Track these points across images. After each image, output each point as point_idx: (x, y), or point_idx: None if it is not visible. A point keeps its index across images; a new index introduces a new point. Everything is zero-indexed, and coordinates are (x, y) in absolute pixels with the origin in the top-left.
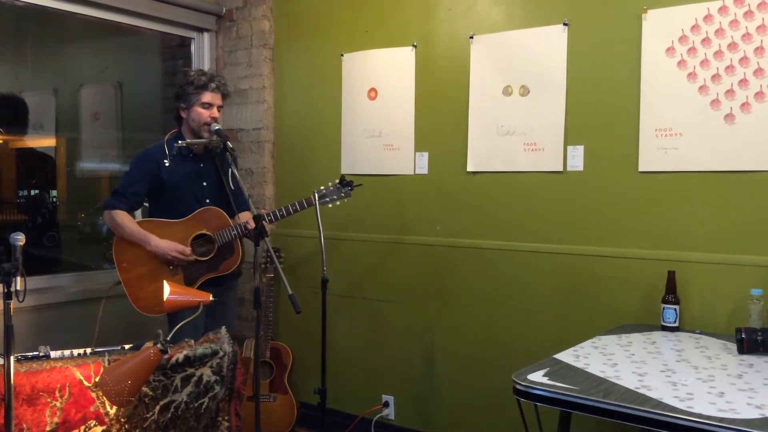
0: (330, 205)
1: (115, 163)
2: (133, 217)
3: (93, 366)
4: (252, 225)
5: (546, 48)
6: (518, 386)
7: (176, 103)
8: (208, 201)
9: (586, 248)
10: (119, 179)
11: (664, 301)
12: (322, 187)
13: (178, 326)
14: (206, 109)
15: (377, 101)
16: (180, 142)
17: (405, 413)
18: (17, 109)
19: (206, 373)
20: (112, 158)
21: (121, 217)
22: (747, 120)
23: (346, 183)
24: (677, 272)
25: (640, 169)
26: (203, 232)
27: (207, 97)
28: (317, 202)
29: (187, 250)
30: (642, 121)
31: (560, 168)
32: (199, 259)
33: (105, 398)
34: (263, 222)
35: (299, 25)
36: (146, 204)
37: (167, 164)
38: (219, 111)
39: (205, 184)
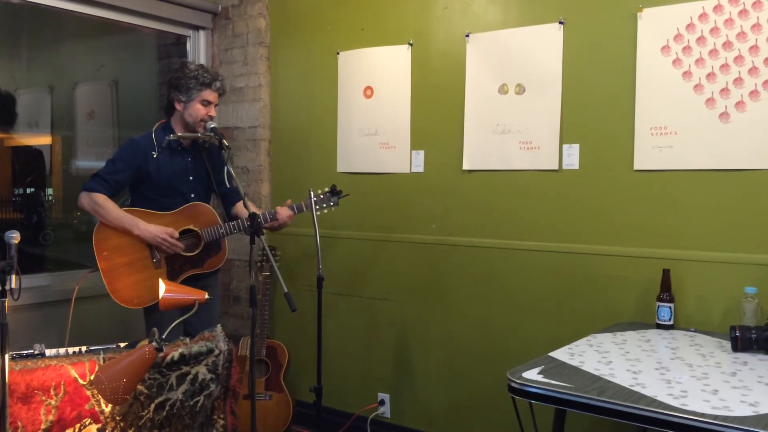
0: (318, 213)
1: None
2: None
3: (88, 364)
4: (282, 212)
5: (542, 46)
6: (513, 384)
7: (172, 93)
8: (193, 196)
9: (581, 246)
10: None
11: (659, 300)
12: (319, 191)
13: (174, 323)
14: (205, 107)
15: (373, 99)
16: (171, 135)
17: (400, 411)
18: (4, 104)
19: (201, 371)
20: (107, 156)
21: (104, 200)
22: (742, 118)
23: (335, 192)
24: (672, 270)
25: (636, 167)
26: (190, 227)
27: (209, 95)
28: (313, 203)
29: (176, 233)
30: (637, 120)
31: (556, 166)
32: (185, 253)
33: (100, 396)
34: (258, 221)
35: (295, 23)
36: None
37: (155, 156)
38: (215, 110)
39: (191, 178)
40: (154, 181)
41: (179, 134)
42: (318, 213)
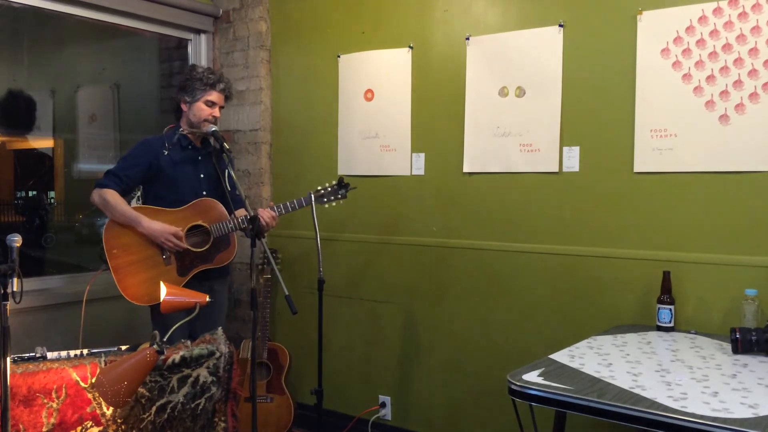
0: (326, 206)
1: (113, 165)
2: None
3: (89, 367)
4: (263, 213)
5: (542, 49)
6: (513, 386)
7: (179, 95)
8: (204, 193)
9: (582, 249)
10: None
11: (660, 302)
12: (319, 187)
13: (174, 327)
14: (209, 107)
15: (374, 102)
16: (180, 129)
17: (402, 414)
18: (21, 106)
19: (203, 373)
20: (109, 159)
21: (113, 196)
22: (741, 121)
23: (343, 185)
24: (672, 272)
25: (636, 169)
26: (199, 222)
27: (213, 96)
28: (314, 202)
29: (180, 233)
30: (637, 122)
31: (556, 169)
32: (192, 249)
33: (101, 399)
34: (259, 223)
35: (296, 26)
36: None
37: (166, 153)
38: (219, 111)
39: (202, 176)
40: (166, 177)
41: (188, 129)
42: (327, 206)
